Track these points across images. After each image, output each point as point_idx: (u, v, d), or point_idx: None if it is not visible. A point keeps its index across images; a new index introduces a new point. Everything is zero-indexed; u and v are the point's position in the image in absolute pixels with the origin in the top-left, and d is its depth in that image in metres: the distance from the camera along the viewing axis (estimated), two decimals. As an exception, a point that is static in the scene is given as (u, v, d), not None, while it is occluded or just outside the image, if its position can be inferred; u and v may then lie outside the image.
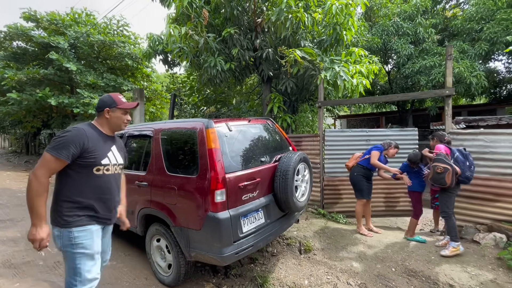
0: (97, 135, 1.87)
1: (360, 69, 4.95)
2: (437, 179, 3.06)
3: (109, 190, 1.90)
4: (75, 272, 1.75)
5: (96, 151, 1.81)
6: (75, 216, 1.76)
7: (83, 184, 1.80)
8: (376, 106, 15.50)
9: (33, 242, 1.64)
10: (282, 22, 4.49)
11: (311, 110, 6.36)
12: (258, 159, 2.84)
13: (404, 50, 8.86)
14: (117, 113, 1.92)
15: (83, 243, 1.76)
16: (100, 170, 1.84)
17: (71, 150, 1.70)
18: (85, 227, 1.78)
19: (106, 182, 1.89)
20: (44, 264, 3.17)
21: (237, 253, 2.37)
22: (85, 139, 1.76)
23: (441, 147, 3.24)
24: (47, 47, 10.01)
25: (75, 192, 1.78)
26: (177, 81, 11.55)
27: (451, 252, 3.10)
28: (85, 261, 1.76)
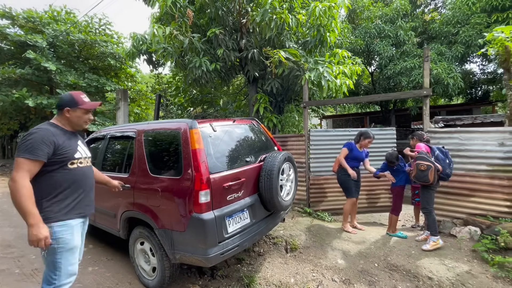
0: (62, 132, 1.89)
1: (343, 70, 5.06)
2: (421, 177, 3.18)
3: (85, 182, 1.97)
4: (55, 266, 1.78)
5: (67, 147, 1.85)
6: (55, 211, 1.79)
7: (60, 179, 1.83)
8: (361, 106, 15.90)
9: (38, 242, 1.64)
10: (267, 23, 4.52)
11: (297, 111, 6.43)
12: (243, 159, 2.85)
13: (386, 52, 9.14)
14: (77, 113, 1.93)
15: (63, 237, 1.79)
16: (74, 164, 1.89)
17: (45, 150, 1.73)
18: (64, 221, 1.82)
19: (81, 174, 1.94)
20: (20, 272, 3.03)
21: (223, 253, 2.37)
22: (54, 138, 1.79)
23: (421, 145, 3.36)
24: (24, 45, 9.58)
25: (52, 188, 1.80)
26: (163, 82, 11.36)
27: (432, 246, 3.22)
28: (66, 256, 1.81)
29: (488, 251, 3.01)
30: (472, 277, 2.71)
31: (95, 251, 3.58)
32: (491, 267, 2.79)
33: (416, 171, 3.21)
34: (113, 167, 3.23)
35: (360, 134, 3.91)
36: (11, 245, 3.71)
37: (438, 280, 2.71)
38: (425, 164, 3.13)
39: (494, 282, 2.63)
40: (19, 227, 4.28)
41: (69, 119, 1.93)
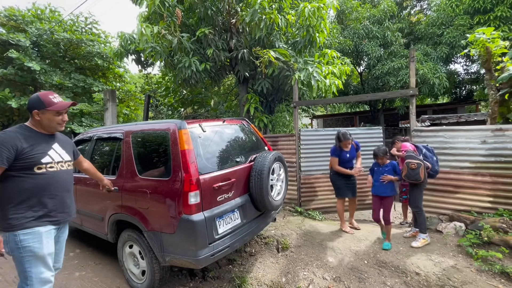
0: (34, 135, 1.81)
1: (332, 70, 5.12)
2: (412, 175, 3.18)
3: (56, 188, 1.85)
4: (25, 276, 1.71)
5: (34, 151, 1.76)
6: (20, 218, 1.70)
7: (26, 185, 1.74)
8: (350, 106, 16.14)
9: None
10: (256, 23, 4.53)
11: (287, 110, 6.47)
12: (233, 160, 2.84)
13: (374, 52, 9.32)
14: (47, 115, 1.82)
15: (30, 245, 1.70)
16: (42, 169, 1.79)
17: (4, 155, 1.65)
18: (32, 229, 1.72)
19: (51, 179, 1.83)
20: (3, 279, 2.92)
21: (213, 255, 2.35)
22: (18, 142, 1.71)
23: (407, 145, 3.43)
24: (5, 44, 9.23)
25: (18, 193, 1.72)
26: (152, 82, 11.20)
27: (422, 243, 3.28)
28: (35, 264, 1.72)
29: (473, 246, 3.10)
30: (458, 271, 2.79)
31: (83, 256, 3.49)
32: (475, 261, 2.87)
33: (406, 170, 3.21)
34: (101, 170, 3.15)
35: (337, 138, 3.80)
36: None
37: (425, 275, 2.78)
38: (415, 162, 3.15)
39: (478, 276, 2.71)
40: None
41: (40, 122, 1.83)
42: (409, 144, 3.45)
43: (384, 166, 3.42)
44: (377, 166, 3.50)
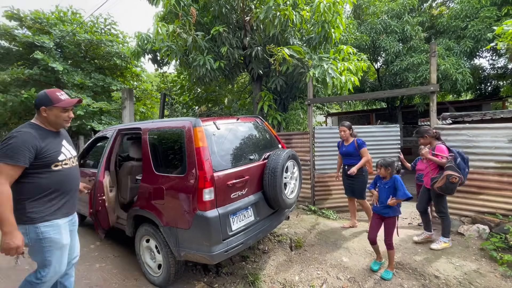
0: (45, 134, 1.84)
1: (348, 66, 5.00)
2: (449, 189, 2.90)
3: (69, 183, 1.94)
4: (45, 264, 1.81)
5: (51, 150, 1.82)
6: (39, 212, 1.78)
7: (43, 182, 1.80)
8: (366, 103, 15.73)
9: (9, 250, 1.63)
10: (271, 20, 4.49)
11: (301, 108, 6.40)
12: (247, 157, 2.85)
13: (392, 47, 9.00)
14: (54, 112, 1.86)
15: (51, 236, 1.80)
16: (58, 166, 1.86)
17: (26, 155, 1.69)
18: (51, 221, 1.82)
19: (66, 175, 1.91)
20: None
21: (227, 251, 2.38)
22: (36, 141, 1.75)
23: (443, 148, 3.01)
24: (31, 46, 9.73)
25: (36, 190, 1.78)
26: (167, 80, 11.42)
27: (442, 246, 3.16)
28: (56, 254, 1.83)
29: (497, 250, 2.95)
30: (480, 276, 2.66)
31: (102, 248, 3.64)
32: (500, 266, 2.73)
33: (444, 182, 2.86)
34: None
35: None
36: (22, 242, 3.79)
37: (445, 278, 2.68)
38: (458, 176, 2.83)
39: (503, 281, 2.58)
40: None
41: (47, 118, 1.87)
42: (445, 147, 3.06)
43: (385, 182, 2.83)
44: (380, 180, 2.93)
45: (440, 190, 2.98)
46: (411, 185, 3.99)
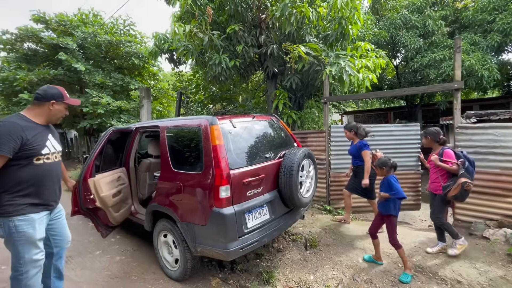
0: (32, 126, 1.87)
1: (366, 63, 4.87)
2: (464, 196, 2.78)
3: (50, 177, 1.96)
4: (18, 257, 1.85)
5: (35, 142, 1.84)
6: (15, 205, 1.79)
7: (23, 174, 1.81)
8: (384, 101, 15.27)
9: None
10: (287, 18, 4.46)
11: (317, 106, 6.31)
12: (262, 156, 2.85)
13: (412, 43, 8.67)
14: (60, 107, 2.01)
15: (24, 231, 1.81)
16: (40, 160, 1.88)
17: (11, 145, 1.71)
18: (26, 215, 1.83)
19: (47, 170, 1.93)
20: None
21: (242, 248, 2.40)
22: (22, 132, 1.77)
23: (451, 153, 2.89)
24: (56, 48, 10.20)
25: (15, 182, 1.80)
26: (183, 79, 11.62)
27: (459, 249, 3.00)
28: (28, 248, 1.84)
29: (526, 256, 2.80)
30: (507, 282, 2.53)
31: (122, 242, 3.77)
32: (529, 273, 2.59)
33: (459, 190, 2.72)
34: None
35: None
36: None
37: (468, 284, 2.57)
38: (471, 182, 2.72)
39: (533, 289, 2.44)
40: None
41: (50, 112, 1.95)
42: (452, 152, 2.93)
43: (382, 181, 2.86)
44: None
45: (455, 199, 2.86)
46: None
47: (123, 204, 3.38)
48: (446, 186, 2.86)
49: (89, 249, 3.54)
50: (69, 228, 3.89)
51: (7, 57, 10.87)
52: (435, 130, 3.04)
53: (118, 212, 3.26)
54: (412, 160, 4.52)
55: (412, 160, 4.52)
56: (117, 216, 3.22)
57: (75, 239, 3.82)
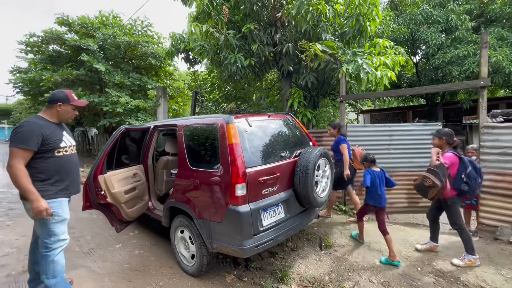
0: (49, 124, 2.18)
1: (384, 60, 4.74)
2: (420, 189, 2.84)
3: (70, 167, 2.28)
4: (50, 234, 2.13)
5: (54, 138, 2.15)
6: (46, 191, 2.11)
7: (49, 164, 2.13)
8: (403, 100, 14.78)
9: (40, 213, 2.00)
10: (303, 16, 4.41)
11: (332, 105, 6.21)
12: (278, 154, 2.85)
13: (434, 39, 8.33)
14: (68, 108, 2.27)
15: (56, 211, 2.14)
16: (60, 152, 2.20)
17: (35, 140, 2.03)
18: (56, 199, 2.16)
19: (67, 161, 2.25)
20: (80, 251, 3.44)
21: (257, 246, 2.42)
22: (42, 130, 2.08)
23: (450, 156, 2.82)
24: (78, 49, 10.65)
25: (43, 171, 2.11)
26: (199, 79, 11.79)
27: (465, 264, 2.84)
28: (58, 226, 2.17)
29: (559, 264, 2.63)
30: (537, 291, 2.40)
31: (141, 237, 3.90)
32: (562, 282, 2.43)
33: (420, 181, 2.80)
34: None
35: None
36: (72, 226, 4.20)
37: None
38: (433, 181, 2.71)
39: None
40: (78, 211, 4.81)
41: (59, 112, 2.24)
42: (453, 156, 2.83)
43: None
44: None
45: (415, 188, 2.91)
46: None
47: (139, 200, 3.43)
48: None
49: (110, 242, 3.69)
50: (90, 221, 4.10)
51: (34, 59, 11.47)
52: (450, 132, 2.94)
53: (132, 208, 3.30)
54: (432, 160, 4.36)
55: (432, 160, 4.36)
56: (130, 212, 3.27)
57: (96, 232, 4.00)
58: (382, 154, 4.51)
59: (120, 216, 3.24)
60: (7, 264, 3.05)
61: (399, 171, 4.46)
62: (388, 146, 4.50)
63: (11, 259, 3.15)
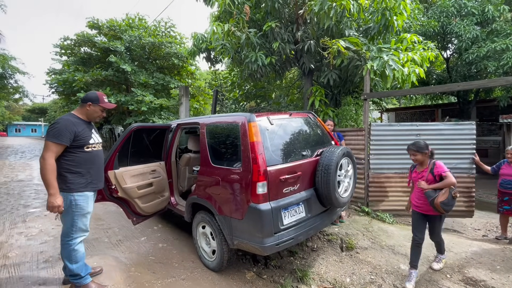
0: (80, 122, 2.37)
1: (412, 56, 4.51)
2: (451, 205, 2.53)
3: (97, 162, 2.46)
4: (73, 225, 2.31)
5: (84, 134, 2.33)
6: (76, 184, 2.28)
7: (79, 159, 2.31)
8: (431, 97, 14.00)
9: (53, 208, 2.15)
10: (326, 12, 4.31)
11: (355, 103, 6.02)
12: (299, 153, 2.83)
13: (467, 32, 7.79)
14: (96, 109, 2.43)
15: (81, 205, 2.31)
16: (89, 148, 2.38)
17: (68, 136, 2.21)
18: (83, 193, 2.32)
19: (95, 156, 2.43)
20: (108, 241, 3.64)
21: (278, 244, 2.42)
22: (74, 127, 2.26)
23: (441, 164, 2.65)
24: (107, 51, 11.20)
25: (74, 164, 2.29)
26: (219, 78, 11.94)
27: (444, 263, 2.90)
28: (81, 218, 2.34)
29: None
30: None
31: (164, 231, 4.04)
32: None
33: (447, 197, 2.50)
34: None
35: None
36: (101, 218, 4.46)
37: (534, 304, 2.27)
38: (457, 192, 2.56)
39: None
40: (106, 204, 5.10)
41: (88, 111, 2.41)
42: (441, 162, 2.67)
43: None
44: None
45: (443, 205, 2.49)
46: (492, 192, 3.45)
47: (157, 196, 3.47)
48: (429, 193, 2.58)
49: (135, 235, 3.86)
50: (117, 214, 4.30)
51: (67, 61, 12.24)
52: (424, 143, 2.70)
53: (148, 203, 3.35)
54: (465, 162, 4.10)
55: (465, 162, 4.10)
56: (145, 207, 3.32)
57: (122, 225, 4.21)
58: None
59: (136, 211, 3.33)
60: (45, 250, 3.30)
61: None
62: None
63: (48, 247, 3.41)
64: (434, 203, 2.51)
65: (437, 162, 2.64)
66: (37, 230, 3.93)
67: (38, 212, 4.73)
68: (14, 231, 3.88)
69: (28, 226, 4.07)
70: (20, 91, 17.53)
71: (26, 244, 3.47)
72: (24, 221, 4.30)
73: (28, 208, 4.96)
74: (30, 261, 3.04)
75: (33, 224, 4.16)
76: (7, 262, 3.02)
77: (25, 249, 3.33)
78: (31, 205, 5.16)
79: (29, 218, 4.44)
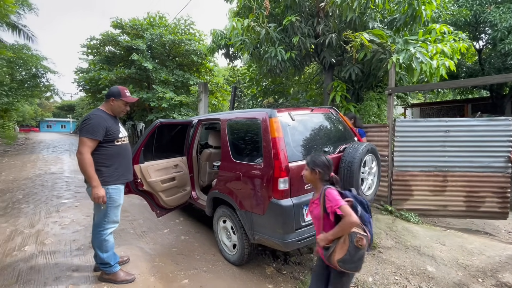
0: (109, 117, 2.46)
1: (442, 48, 4.26)
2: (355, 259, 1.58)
3: (127, 155, 2.58)
4: (105, 216, 2.43)
5: (114, 129, 2.43)
6: (111, 176, 2.40)
7: (112, 152, 2.41)
8: (460, 92, 13.20)
9: (98, 199, 2.28)
10: (348, 4, 4.17)
11: (378, 98, 5.80)
12: (321, 149, 2.78)
13: (504, 21, 7.22)
14: (119, 103, 2.50)
15: (114, 197, 2.42)
16: (119, 141, 2.48)
17: (101, 131, 2.31)
18: (116, 185, 2.44)
19: (124, 149, 2.54)
20: (134, 233, 3.80)
21: (299, 240, 2.41)
22: (105, 122, 2.36)
23: (334, 194, 1.67)
24: (130, 49, 11.59)
25: (108, 158, 2.39)
26: (237, 74, 11.98)
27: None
28: (113, 210, 2.46)
29: None
30: None
31: (185, 224, 4.16)
32: None
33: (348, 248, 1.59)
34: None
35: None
36: (127, 210, 4.67)
37: None
38: (363, 235, 1.62)
39: None
40: (131, 197, 5.31)
41: (112, 106, 2.49)
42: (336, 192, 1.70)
43: None
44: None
45: (343, 264, 1.59)
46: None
47: (179, 190, 3.59)
48: (328, 247, 1.68)
49: (158, 227, 4.01)
50: (141, 207, 4.46)
51: (93, 60, 12.81)
52: (319, 158, 1.85)
53: (171, 197, 3.47)
54: (499, 160, 3.85)
55: (499, 160, 3.85)
56: (168, 200, 3.44)
57: (146, 217, 4.37)
58: (436, 152, 4.12)
59: (160, 203, 3.46)
60: (77, 239, 3.51)
61: (455, 171, 4.04)
62: (443, 143, 4.08)
63: (80, 235, 3.63)
64: (331, 261, 1.65)
65: (329, 191, 1.69)
66: (69, 220, 4.18)
67: (70, 203, 5.04)
68: (49, 220, 4.16)
69: (61, 216, 4.35)
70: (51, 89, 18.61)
71: (60, 233, 3.71)
72: (57, 211, 4.60)
73: (61, 199, 5.29)
74: (64, 249, 3.25)
75: (66, 214, 4.43)
76: (43, 248, 3.25)
77: (59, 237, 3.56)
78: (63, 196, 5.50)
79: (62, 208, 4.74)
